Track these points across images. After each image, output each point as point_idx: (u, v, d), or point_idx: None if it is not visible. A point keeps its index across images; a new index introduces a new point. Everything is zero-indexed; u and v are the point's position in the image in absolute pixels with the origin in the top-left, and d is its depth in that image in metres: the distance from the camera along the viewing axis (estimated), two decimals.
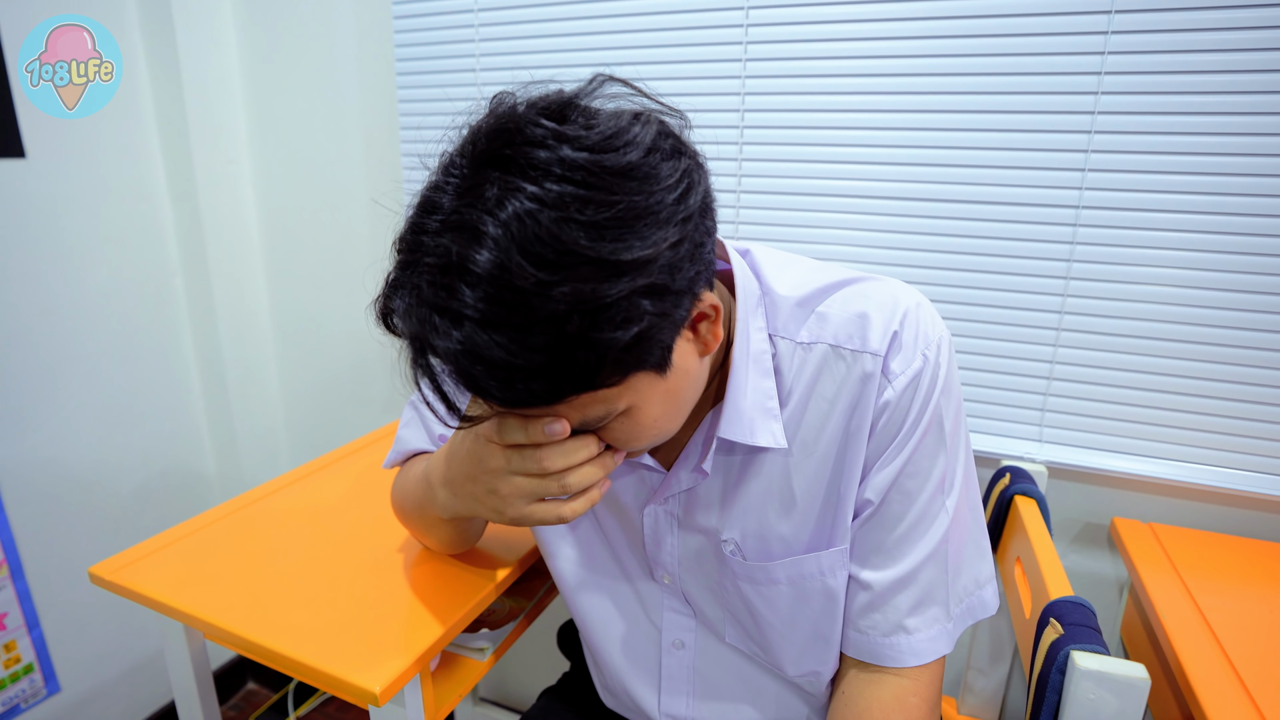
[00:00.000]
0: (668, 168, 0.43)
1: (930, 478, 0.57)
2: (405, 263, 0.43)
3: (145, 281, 1.34)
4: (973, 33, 0.89)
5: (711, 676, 0.70)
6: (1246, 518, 0.92)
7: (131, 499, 1.37)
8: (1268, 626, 0.73)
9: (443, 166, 0.45)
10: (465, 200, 0.41)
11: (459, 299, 0.39)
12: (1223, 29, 0.79)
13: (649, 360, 0.45)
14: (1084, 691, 0.57)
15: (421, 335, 0.42)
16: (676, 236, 0.42)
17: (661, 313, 0.43)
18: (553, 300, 0.39)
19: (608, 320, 0.40)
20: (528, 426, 0.49)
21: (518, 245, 0.39)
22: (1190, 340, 0.88)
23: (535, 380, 0.41)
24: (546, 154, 0.40)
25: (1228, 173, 0.83)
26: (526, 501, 0.53)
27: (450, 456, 0.60)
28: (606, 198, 0.40)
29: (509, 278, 0.39)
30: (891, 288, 0.58)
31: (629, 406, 0.48)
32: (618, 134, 0.42)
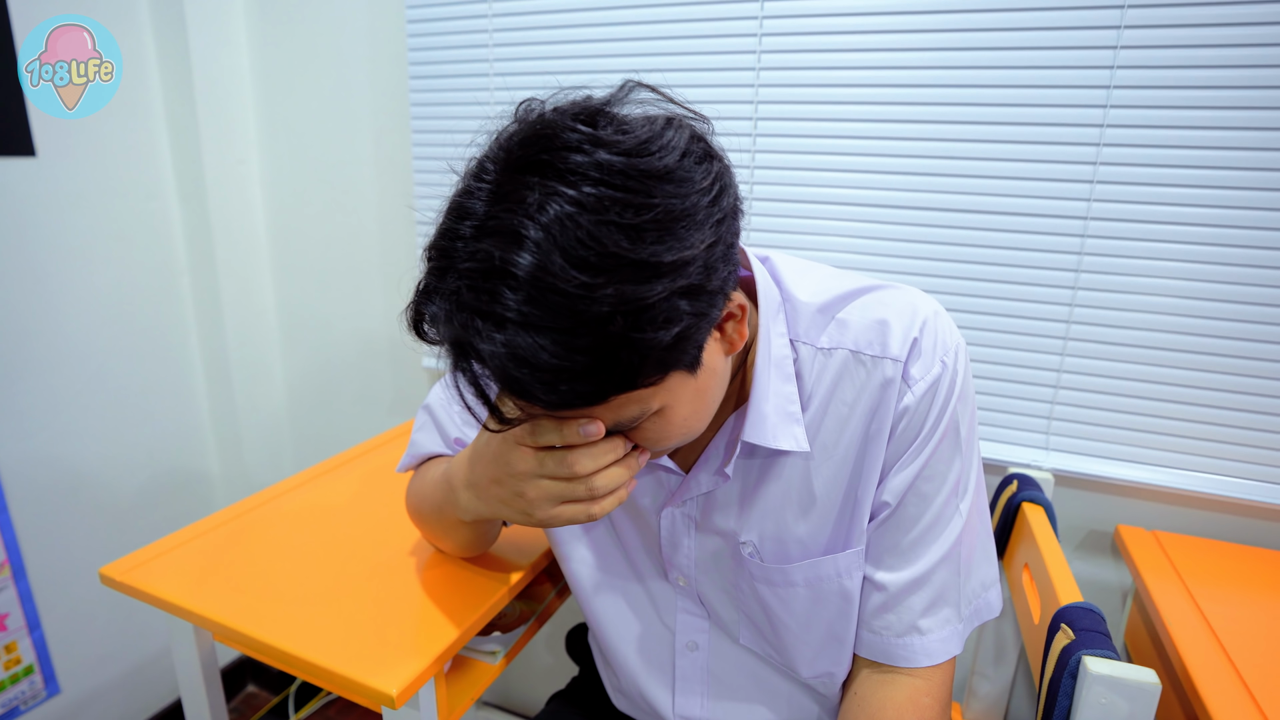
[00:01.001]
0: (701, 171, 0.44)
1: (946, 481, 0.58)
2: (440, 269, 0.44)
3: (152, 280, 1.34)
4: (981, 45, 0.90)
5: (725, 677, 0.70)
6: (1251, 526, 0.93)
7: (135, 499, 1.37)
8: (1272, 633, 0.74)
9: (473, 172, 0.45)
10: (504, 205, 0.41)
11: (502, 303, 0.40)
12: (1229, 45, 0.81)
13: (685, 359, 0.46)
14: (1095, 696, 0.57)
15: (464, 340, 0.42)
16: (712, 238, 0.43)
17: (698, 312, 0.44)
18: (597, 302, 0.39)
19: (649, 321, 0.41)
20: (562, 428, 0.49)
21: (560, 249, 0.39)
22: (1196, 350, 0.89)
23: (580, 382, 0.41)
24: (583, 158, 0.41)
25: (1233, 186, 0.84)
26: (553, 504, 0.54)
27: (474, 459, 0.61)
28: (645, 200, 0.41)
29: (553, 281, 0.39)
30: (910, 296, 0.59)
31: (662, 406, 0.48)
32: (652, 139, 0.43)
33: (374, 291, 1.39)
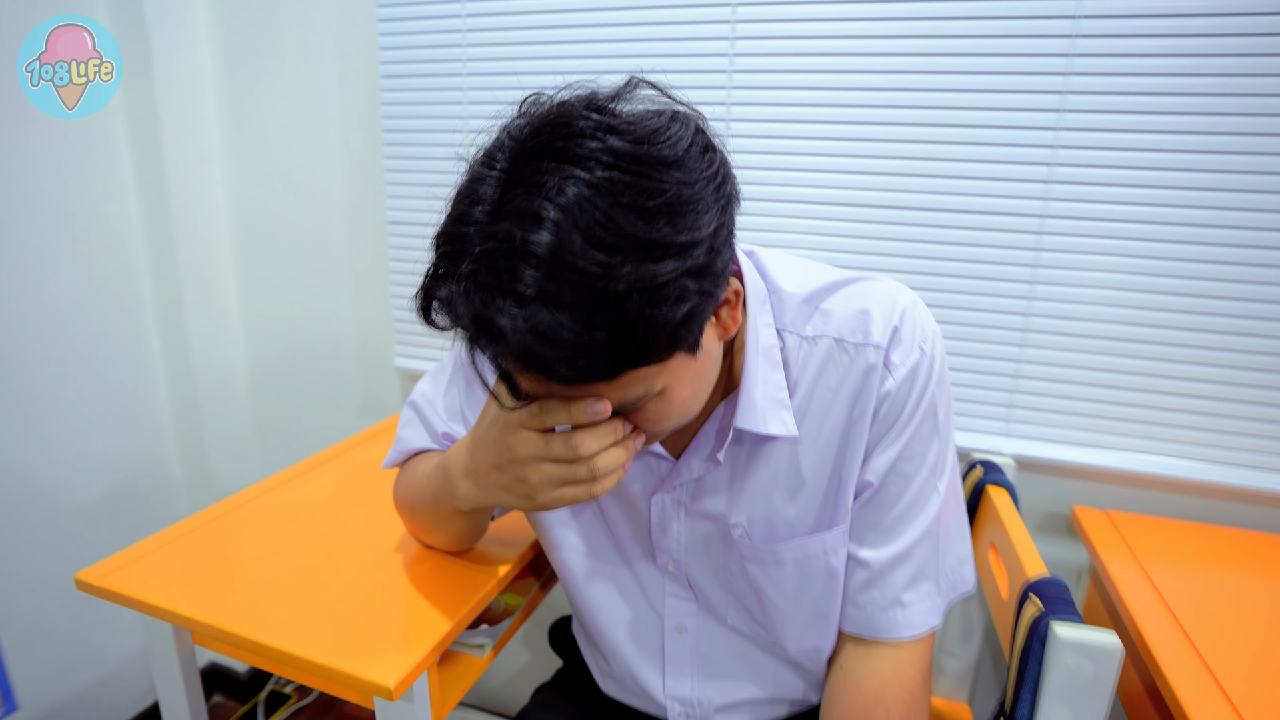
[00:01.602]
0: (704, 161, 0.46)
1: (925, 462, 0.61)
2: (452, 253, 0.45)
3: (111, 283, 1.30)
4: (941, 51, 0.95)
5: (714, 658, 0.73)
6: (1198, 504, 0.99)
7: (96, 508, 1.32)
8: (1219, 600, 0.80)
9: (481, 162, 0.47)
10: (521, 189, 0.43)
11: (523, 281, 0.41)
12: (1185, 35, 0.86)
13: (690, 338, 0.48)
14: (1064, 659, 0.61)
15: (485, 317, 0.43)
16: (716, 223, 0.46)
17: (705, 291, 0.46)
18: (615, 280, 0.41)
19: (663, 298, 0.43)
20: (571, 408, 0.50)
21: (580, 229, 0.41)
22: (1147, 340, 0.95)
23: (597, 357, 0.43)
24: (597, 144, 0.43)
25: (1181, 186, 0.90)
26: (555, 486, 0.55)
27: (473, 447, 0.61)
28: (657, 185, 0.43)
29: (573, 260, 0.41)
30: (890, 287, 0.63)
31: (664, 387, 0.50)
32: (660, 129, 0.45)
33: (343, 294, 1.38)
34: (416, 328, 1.30)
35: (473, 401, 0.75)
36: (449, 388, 0.78)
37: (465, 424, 0.75)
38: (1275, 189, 0.87)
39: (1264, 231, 0.88)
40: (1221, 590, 0.82)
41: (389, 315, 1.34)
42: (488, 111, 1.23)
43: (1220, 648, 0.72)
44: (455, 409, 0.76)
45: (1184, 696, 0.65)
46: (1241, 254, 0.90)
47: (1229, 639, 0.73)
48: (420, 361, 1.32)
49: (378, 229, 1.30)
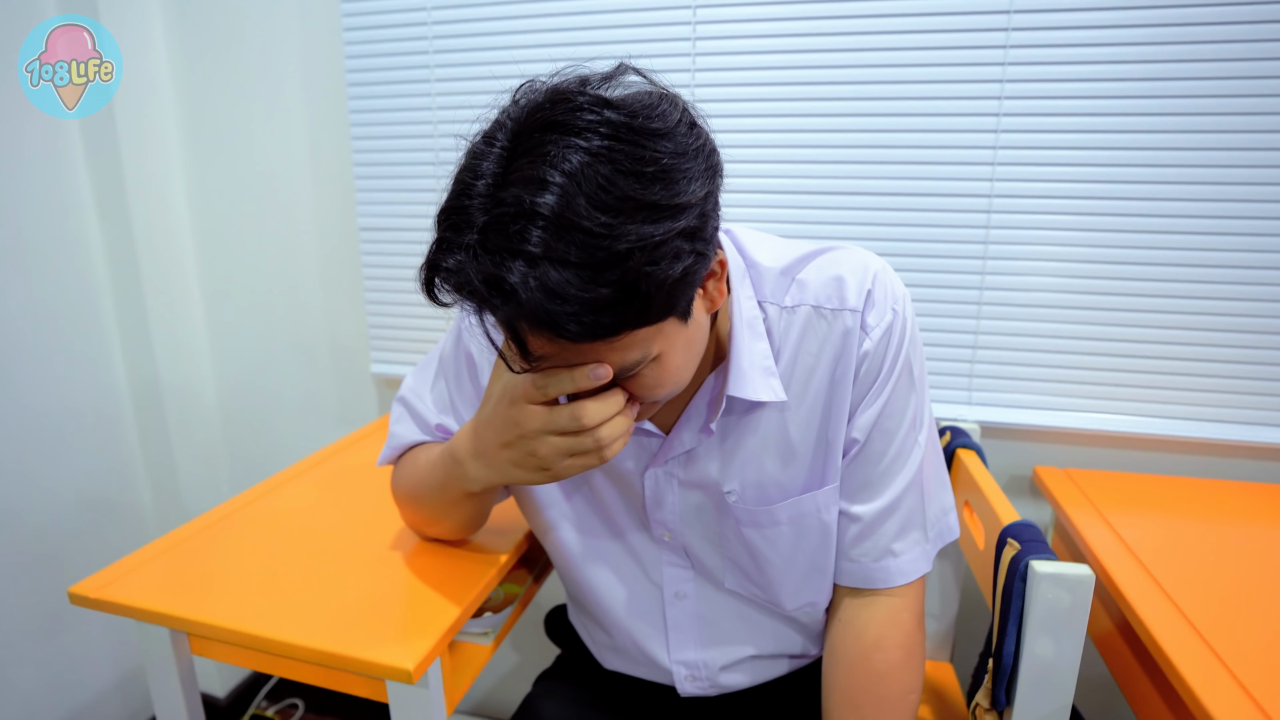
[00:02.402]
0: (692, 135, 0.50)
1: (905, 416, 0.66)
2: (457, 224, 0.47)
3: (71, 302, 1.27)
4: (887, 42, 1.01)
5: (714, 620, 0.76)
6: (1149, 458, 1.08)
7: (62, 534, 1.29)
8: (1175, 539, 0.87)
9: (481, 141, 0.49)
10: (526, 159, 0.46)
11: (532, 242, 0.44)
12: (1113, 28, 0.94)
13: (684, 301, 0.51)
14: (1043, 593, 0.66)
15: (496, 277, 0.45)
16: (705, 190, 0.49)
17: (698, 253, 0.49)
18: (617, 240, 0.44)
19: (662, 256, 0.46)
20: (574, 374, 0.53)
21: (584, 194, 0.44)
22: (1095, 307, 1.03)
23: (604, 313, 0.46)
24: (594, 116, 0.46)
25: (1119, 165, 0.98)
26: (564, 457, 0.57)
27: (478, 430, 0.63)
28: (651, 154, 0.46)
29: (579, 221, 0.44)
30: (859, 254, 0.67)
31: (659, 353, 0.53)
32: (651, 106, 0.49)
33: (314, 303, 1.37)
34: (393, 332, 1.31)
35: (463, 394, 0.76)
36: (435, 381, 0.79)
37: (456, 416, 0.77)
38: (1212, 161, 0.95)
39: (1201, 202, 0.97)
40: (1178, 531, 0.89)
41: (363, 321, 1.34)
42: (456, 116, 1.25)
43: (1181, 581, 0.78)
44: (445, 402, 0.78)
45: (1152, 626, 0.71)
46: (1179, 223, 0.98)
47: (1189, 573, 0.80)
48: (397, 366, 1.32)
49: (348, 236, 1.31)
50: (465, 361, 0.75)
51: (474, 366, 0.74)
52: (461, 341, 0.75)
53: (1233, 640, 0.68)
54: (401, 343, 1.31)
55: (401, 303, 1.29)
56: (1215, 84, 0.93)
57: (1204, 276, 0.99)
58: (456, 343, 0.76)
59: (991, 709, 0.74)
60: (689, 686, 0.78)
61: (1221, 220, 0.97)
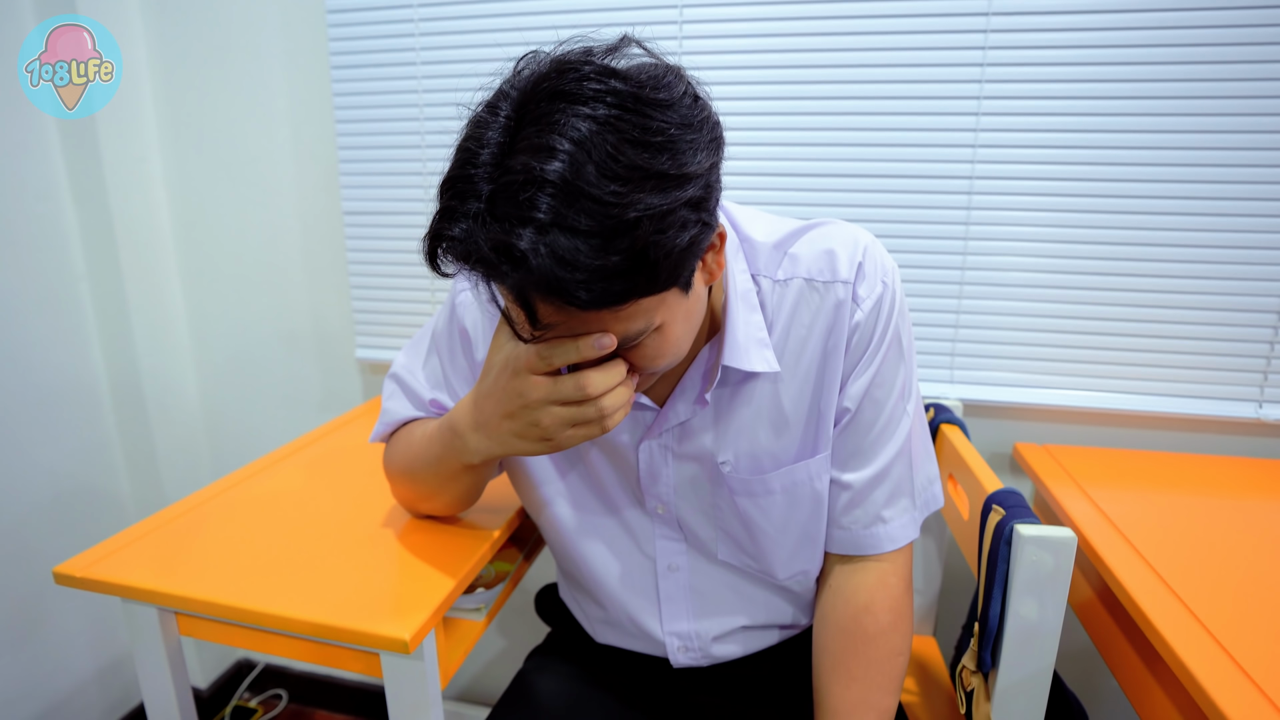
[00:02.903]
0: (697, 107, 0.51)
1: (894, 386, 0.67)
2: (464, 192, 0.47)
3: (46, 288, 1.25)
4: (873, 26, 1.03)
5: (706, 592, 0.77)
6: (1126, 433, 1.11)
7: (37, 524, 1.26)
8: (1152, 509, 0.90)
9: (484, 111, 0.49)
10: (534, 128, 0.46)
11: (543, 210, 0.44)
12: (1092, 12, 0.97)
13: (688, 270, 0.51)
14: (1027, 556, 0.68)
15: (505, 244, 0.45)
16: (710, 160, 0.50)
17: (703, 223, 0.50)
18: (628, 208, 0.45)
19: (670, 224, 0.47)
20: (579, 343, 0.53)
21: (594, 162, 0.44)
22: (1072, 286, 1.05)
23: (613, 281, 0.46)
24: (599, 86, 0.46)
25: (1096, 146, 1.00)
26: (566, 427, 0.58)
27: (480, 400, 0.63)
28: (658, 124, 0.47)
29: (589, 189, 0.44)
30: (849, 228, 0.68)
31: (661, 323, 0.54)
32: (657, 78, 0.49)
33: (298, 290, 1.36)
34: (378, 317, 1.30)
35: (457, 369, 0.76)
36: (429, 357, 0.79)
37: (450, 392, 0.77)
38: (1187, 144, 0.98)
39: (1175, 184, 0.99)
40: (1155, 503, 0.92)
41: (348, 306, 1.33)
42: (443, 98, 1.25)
43: (1159, 548, 0.80)
44: (438, 378, 0.78)
45: (1132, 590, 0.73)
46: (1155, 204, 1.01)
47: (1166, 541, 0.82)
48: (383, 351, 1.32)
49: (332, 221, 1.30)
50: (459, 337, 0.75)
51: (468, 342, 0.74)
52: (455, 317, 0.75)
53: (1210, 602, 0.71)
54: (387, 327, 1.30)
55: (387, 287, 1.28)
56: (1189, 68, 0.96)
57: (1177, 256, 1.02)
58: (450, 318, 0.76)
59: (977, 671, 0.76)
60: (681, 658, 0.79)
61: (1195, 201, 0.99)
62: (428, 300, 1.28)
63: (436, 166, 1.18)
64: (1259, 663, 0.62)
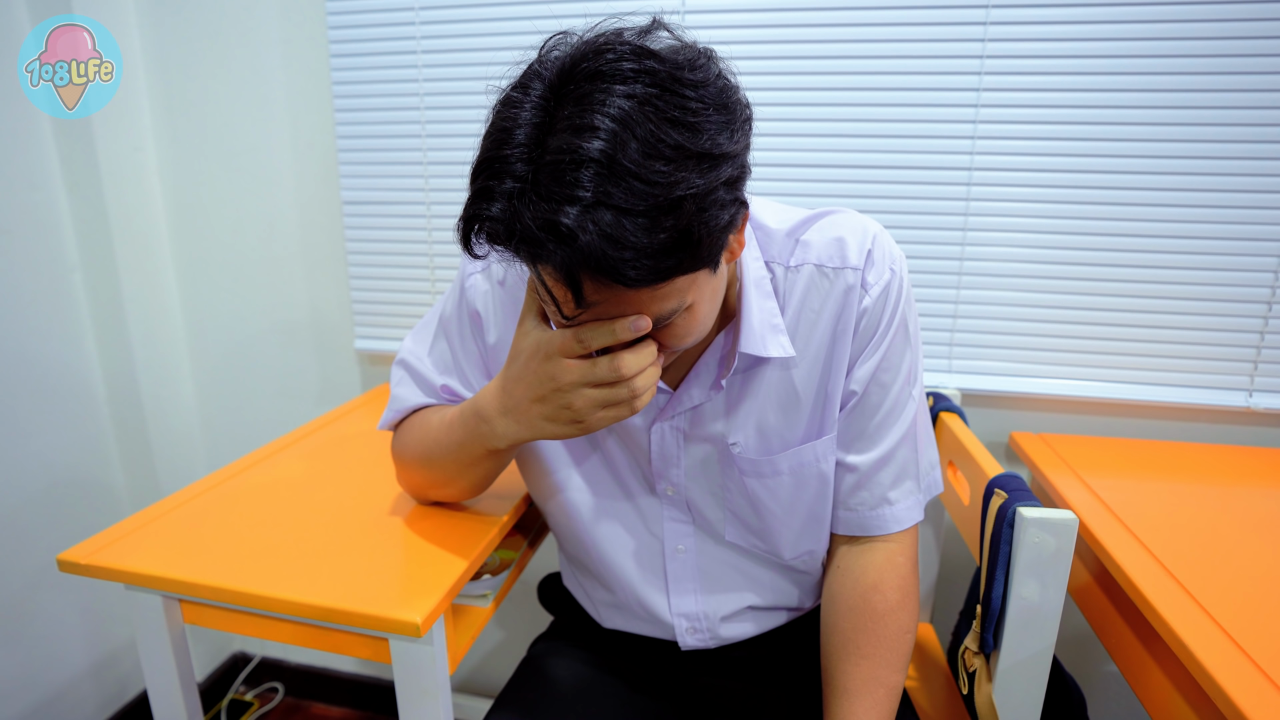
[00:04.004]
0: (729, 88, 0.51)
1: (900, 371, 0.68)
2: (500, 172, 0.47)
3: (39, 278, 1.24)
4: (873, 18, 1.04)
5: (713, 573, 0.77)
6: (1121, 423, 1.12)
7: (32, 515, 1.25)
8: (1148, 495, 0.91)
9: (515, 90, 0.49)
10: (571, 106, 0.46)
11: (588, 188, 0.44)
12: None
13: (719, 249, 0.52)
14: (1030, 537, 0.69)
15: (553, 223, 0.45)
16: (745, 141, 0.51)
17: (739, 201, 0.51)
18: (672, 187, 0.45)
19: (712, 203, 0.47)
20: (614, 326, 0.53)
21: (638, 139, 0.45)
22: (1069, 277, 1.07)
23: (660, 259, 0.47)
24: (636, 66, 0.47)
25: (1089, 138, 1.01)
26: (598, 408, 0.58)
27: (507, 387, 0.63)
28: (695, 104, 0.47)
29: (634, 168, 0.44)
30: (858, 217, 0.69)
31: (691, 302, 0.55)
32: (692, 60, 0.49)
33: (295, 280, 1.35)
34: (378, 307, 1.30)
35: (468, 354, 0.76)
36: (435, 342, 0.79)
37: (460, 377, 0.77)
38: (1183, 136, 0.99)
39: (1170, 175, 1.01)
40: (1150, 489, 0.94)
41: (346, 297, 1.32)
42: (443, 87, 1.24)
43: (1156, 533, 0.82)
44: (447, 363, 0.78)
45: (1131, 572, 0.74)
46: (1149, 195, 1.02)
47: (1163, 526, 0.84)
48: (382, 342, 1.31)
49: (331, 210, 1.29)
50: (470, 320, 0.75)
51: (479, 325, 0.74)
52: (465, 300, 0.75)
53: (1207, 584, 0.72)
54: (387, 317, 1.30)
55: (387, 277, 1.28)
56: (1183, 61, 0.97)
57: (1171, 248, 1.03)
58: (459, 302, 0.76)
59: (979, 653, 0.77)
60: (690, 639, 0.79)
61: (1187, 194, 1.01)
62: (427, 290, 1.27)
63: (437, 155, 1.19)
64: (1257, 641, 0.64)
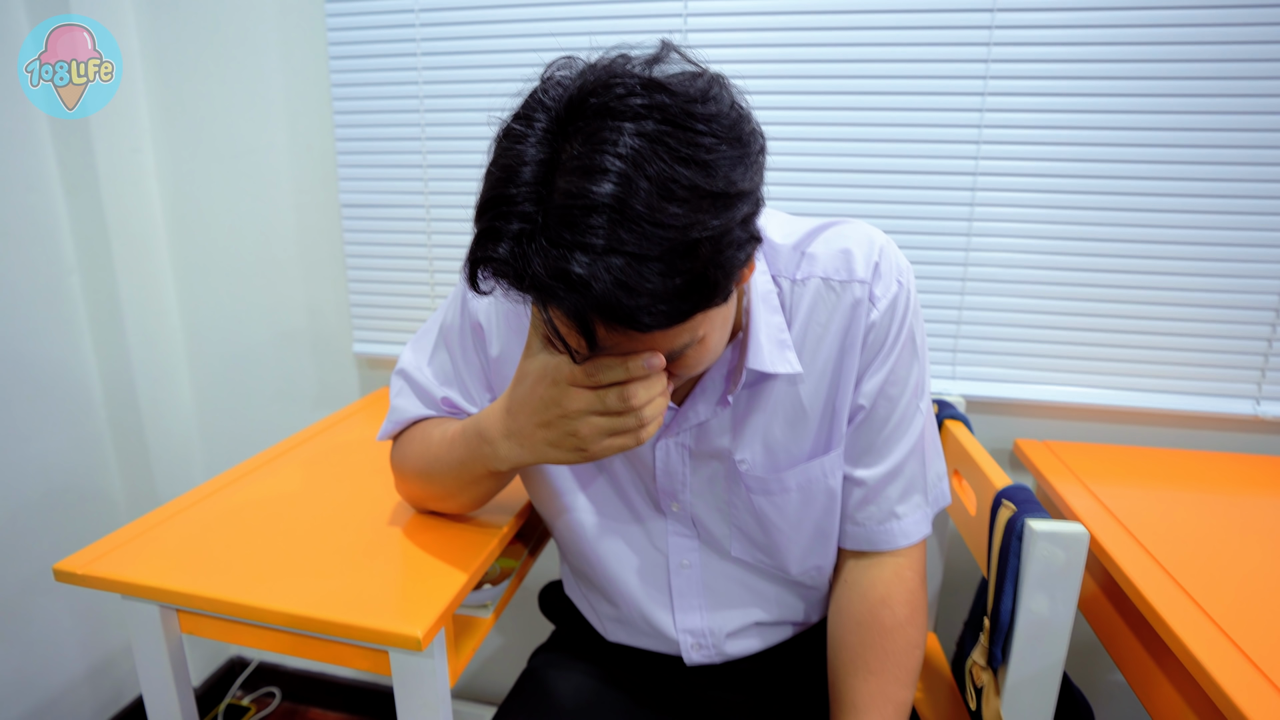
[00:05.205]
0: (743, 118, 0.49)
1: (908, 384, 0.67)
2: (506, 213, 0.45)
3: (35, 280, 1.22)
4: (879, 21, 1.03)
5: (718, 588, 0.76)
6: (1126, 430, 1.12)
7: (28, 520, 1.24)
8: (1156, 505, 0.90)
9: (517, 123, 0.47)
10: (578, 144, 0.44)
11: (599, 234, 0.42)
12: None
13: (737, 279, 0.50)
14: (1039, 551, 0.68)
15: (564, 270, 0.43)
16: (758, 177, 0.49)
17: (754, 238, 0.49)
18: (687, 230, 0.43)
19: (728, 244, 0.46)
20: (627, 363, 0.52)
21: (648, 180, 0.43)
22: (1073, 284, 1.06)
23: (674, 303, 0.45)
24: (646, 101, 0.44)
25: (1094, 143, 1.01)
26: (604, 437, 0.56)
27: (511, 411, 0.62)
28: (709, 140, 0.45)
29: (647, 211, 0.42)
30: (864, 228, 0.68)
31: (704, 334, 0.53)
32: (704, 90, 0.47)
33: (293, 283, 1.34)
34: (377, 310, 1.29)
35: (469, 365, 0.75)
36: (435, 352, 0.78)
37: (461, 388, 0.76)
38: (1188, 142, 0.99)
39: (1176, 181, 1.00)
40: (1156, 498, 0.93)
41: (345, 300, 1.31)
42: (443, 90, 1.23)
43: (1164, 543, 0.81)
44: (447, 374, 0.77)
45: (1140, 584, 0.73)
46: (1155, 201, 1.01)
47: (1171, 536, 0.83)
48: (381, 346, 1.30)
49: (330, 213, 1.28)
50: (472, 332, 0.74)
51: (481, 338, 0.73)
52: (468, 310, 0.74)
53: (1216, 596, 0.71)
54: (386, 321, 1.29)
55: (386, 280, 1.27)
56: (1189, 66, 0.97)
57: (1177, 254, 1.02)
58: (462, 311, 0.74)
59: (987, 667, 0.76)
60: (695, 655, 0.78)
61: (1195, 199, 1.00)
62: (427, 294, 1.26)
63: (437, 158, 1.18)
64: (1265, 652, 0.63)
